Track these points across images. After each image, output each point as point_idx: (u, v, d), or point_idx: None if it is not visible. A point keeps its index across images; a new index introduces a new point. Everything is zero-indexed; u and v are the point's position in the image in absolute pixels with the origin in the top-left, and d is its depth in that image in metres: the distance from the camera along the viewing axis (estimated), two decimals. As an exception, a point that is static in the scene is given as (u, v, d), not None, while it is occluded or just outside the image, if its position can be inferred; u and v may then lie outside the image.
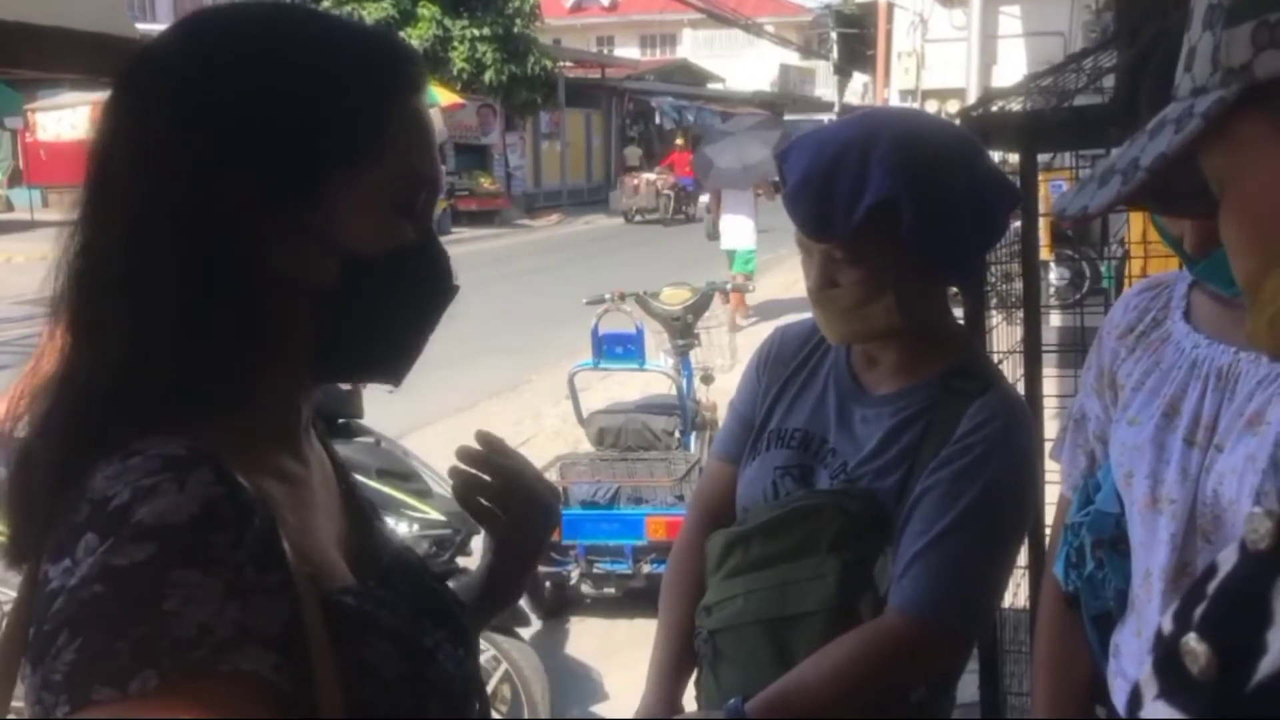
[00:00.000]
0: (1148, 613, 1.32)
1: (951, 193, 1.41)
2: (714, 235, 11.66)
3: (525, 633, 3.69)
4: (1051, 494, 1.62)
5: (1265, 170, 0.63)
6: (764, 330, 1.78)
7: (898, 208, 1.39)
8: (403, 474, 3.89)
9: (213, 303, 0.78)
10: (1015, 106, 2.68)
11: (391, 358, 0.89)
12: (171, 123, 0.78)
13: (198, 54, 0.81)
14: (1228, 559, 0.63)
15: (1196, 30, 0.67)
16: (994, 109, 2.64)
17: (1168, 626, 0.65)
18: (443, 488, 4.09)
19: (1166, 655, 0.64)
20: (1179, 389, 1.32)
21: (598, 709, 3.97)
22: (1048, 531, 1.97)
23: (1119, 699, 1.39)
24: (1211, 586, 0.64)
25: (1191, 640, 0.61)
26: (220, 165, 0.78)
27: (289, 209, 0.80)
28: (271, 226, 0.80)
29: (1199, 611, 0.63)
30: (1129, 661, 1.38)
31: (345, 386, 3.18)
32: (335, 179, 0.81)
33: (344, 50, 0.83)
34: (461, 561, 3.66)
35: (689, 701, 1.59)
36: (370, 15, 19.20)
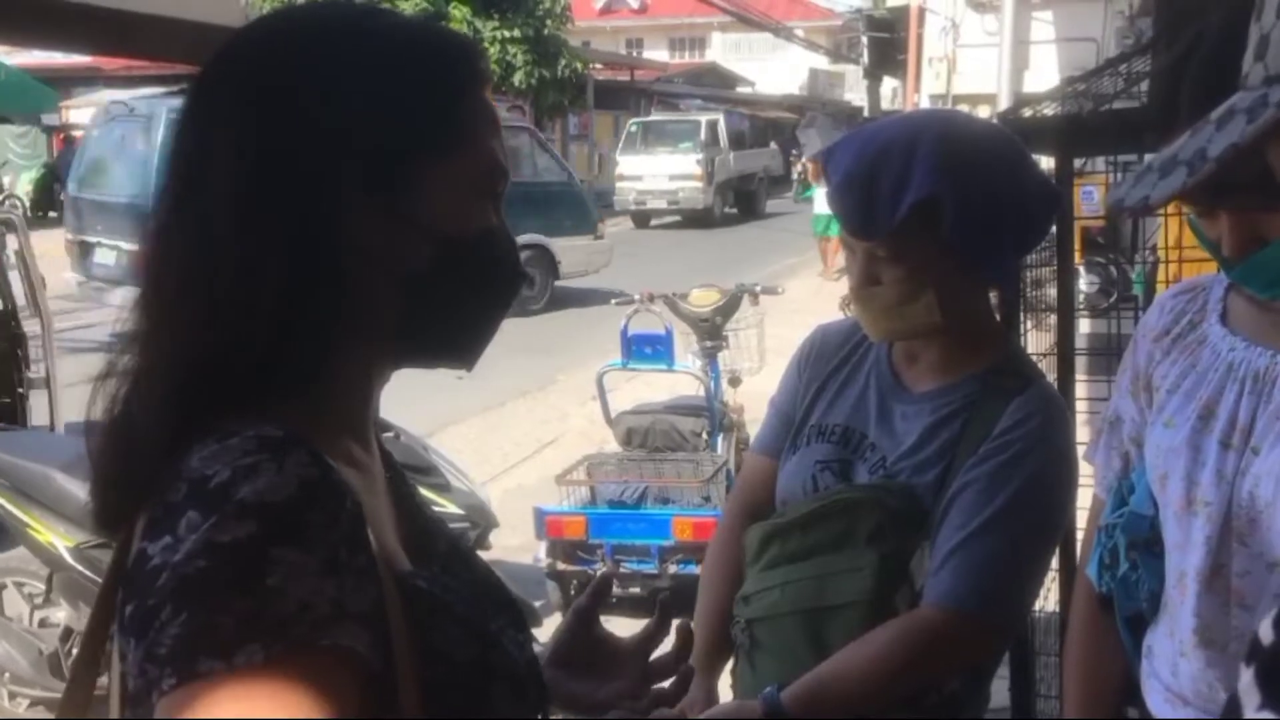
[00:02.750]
0: (1181, 614, 1.32)
1: (994, 193, 1.43)
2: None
3: (539, 632, 3.70)
4: (1082, 497, 1.63)
5: None
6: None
7: (940, 207, 1.40)
8: (421, 468, 3.92)
9: (312, 287, 0.80)
10: (1050, 110, 2.69)
11: (470, 341, 0.91)
12: (271, 118, 0.80)
13: (289, 50, 0.84)
14: None
15: (1270, 17, 0.66)
16: (1034, 112, 2.64)
17: (1268, 636, 0.62)
18: (461, 482, 4.12)
19: (1272, 665, 0.62)
20: (1215, 391, 1.32)
21: (619, 707, 3.97)
22: (1078, 534, 1.97)
23: (1152, 700, 1.40)
24: None
25: None
26: (321, 155, 0.81)
27: (384, 194, 0.83)
28: (367, 211, 0.82)
29: None
30: (1162, 663, 1.38)
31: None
32: (426, 164, 0.84)
33: (422, 43, 0.87)
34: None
35: (724, 690, 1.61)
36: (402, 16, 19.28)
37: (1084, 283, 7.47)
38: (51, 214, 20.67)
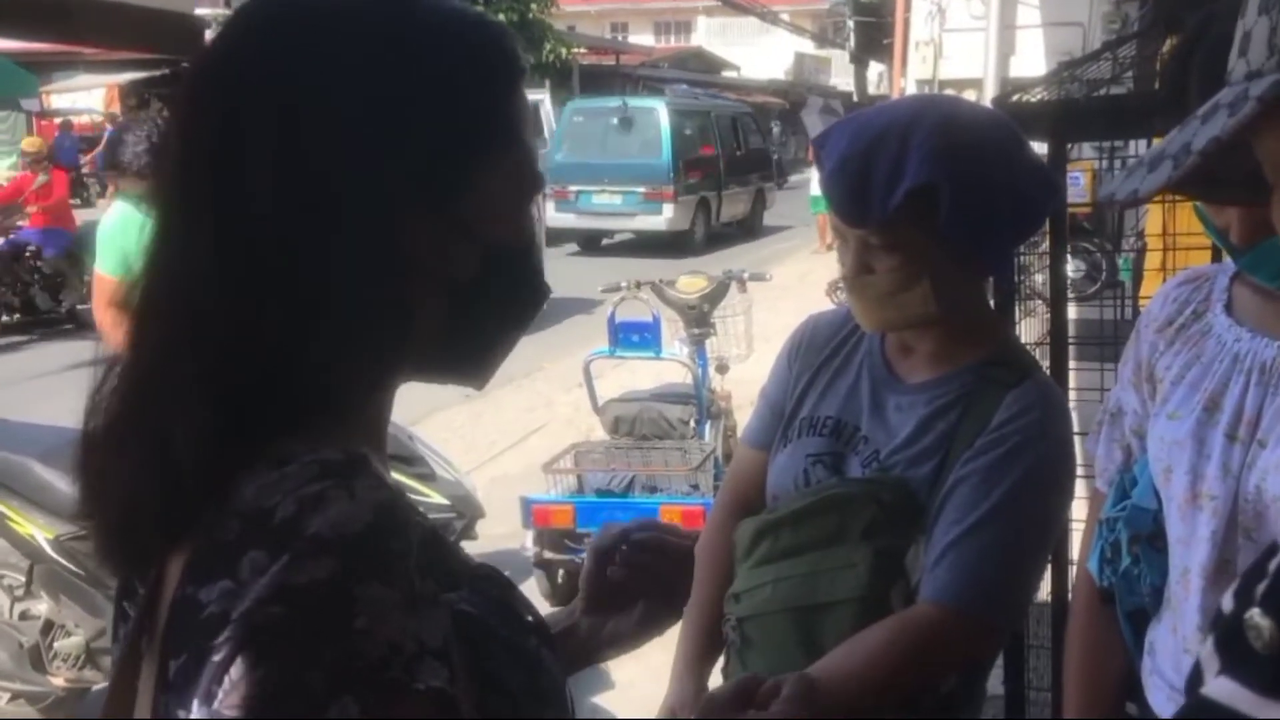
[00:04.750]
0: (1185, 610, 1.30)
1: (990, 181, 1.40)
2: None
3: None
4: (1079, 488, 1.60)
5: None
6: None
7: (936, 195, 1.37)
8: (406, 458, 3.89)
9: (367, 297, 0.72)
10: (1044, 95, 2.66)
11: (492, 356, 0.85)
12: (314, 119, 0.72)
13: (328, 44, 0.74)
14: None
15: (1252, 15, 0.68)
16: (1029, 97, 2.60)
17: (1228, 605, 0.66)
18: (446, 471, 4.08)
19: (1228, 632, 0.64)
20: (1220, 383, 1.30)
21: (604, 698, 3.95)
22: (1073, 527, 1.95)
23: (1154, 697, 1.38)
24: (1273, 564, 0.65)
25: (1256, 615, 0.62)
26: (374, 158, 0.73)
27: (435, 197, 0.76)
28: (420, 216, 0.75)
29: (1261, 588, 0.64)
30: (1165, 659, 1.36)
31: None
32: (482, 167, 0.78)
33: (469, 35, 0.80)
34: (465, 547, 3.66)
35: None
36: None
37: (1069, 268, 7.47)
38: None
